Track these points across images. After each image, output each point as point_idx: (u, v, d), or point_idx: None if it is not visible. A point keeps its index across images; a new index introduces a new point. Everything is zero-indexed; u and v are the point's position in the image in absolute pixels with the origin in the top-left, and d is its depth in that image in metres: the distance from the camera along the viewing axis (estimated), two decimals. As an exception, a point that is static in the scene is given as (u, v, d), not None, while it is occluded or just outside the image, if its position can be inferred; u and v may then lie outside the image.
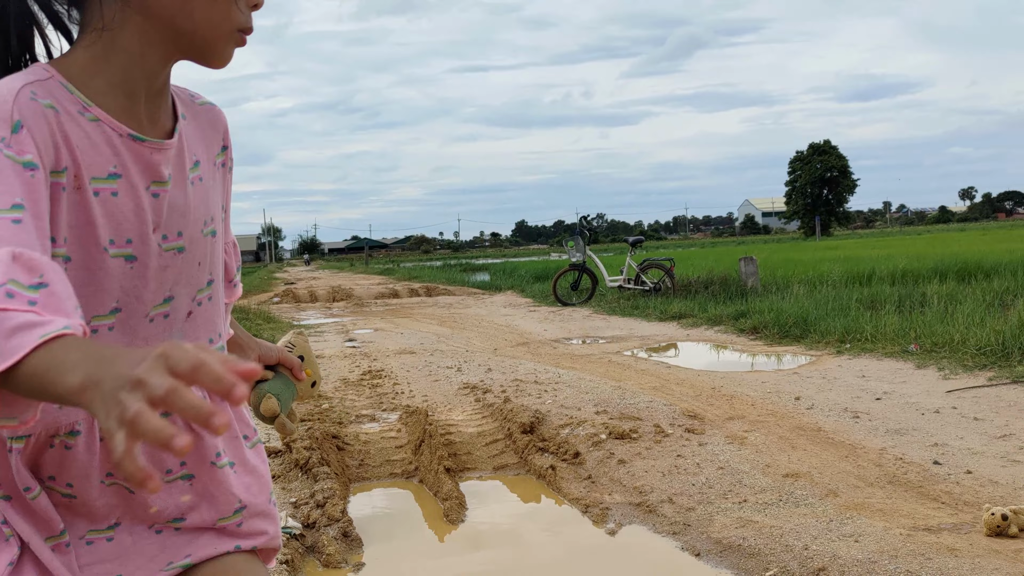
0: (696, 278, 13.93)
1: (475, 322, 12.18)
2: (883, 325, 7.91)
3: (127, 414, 0.70)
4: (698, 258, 24.09)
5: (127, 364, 0.75)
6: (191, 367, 0.72)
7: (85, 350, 0.79)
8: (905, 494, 3.66)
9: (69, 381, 0.77)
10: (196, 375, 0.72)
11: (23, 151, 0.94)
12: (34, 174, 0.94)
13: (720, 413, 5.23)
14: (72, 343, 0.80)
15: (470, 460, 4.63)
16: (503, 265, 32.27)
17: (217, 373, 0.71)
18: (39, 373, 0.79)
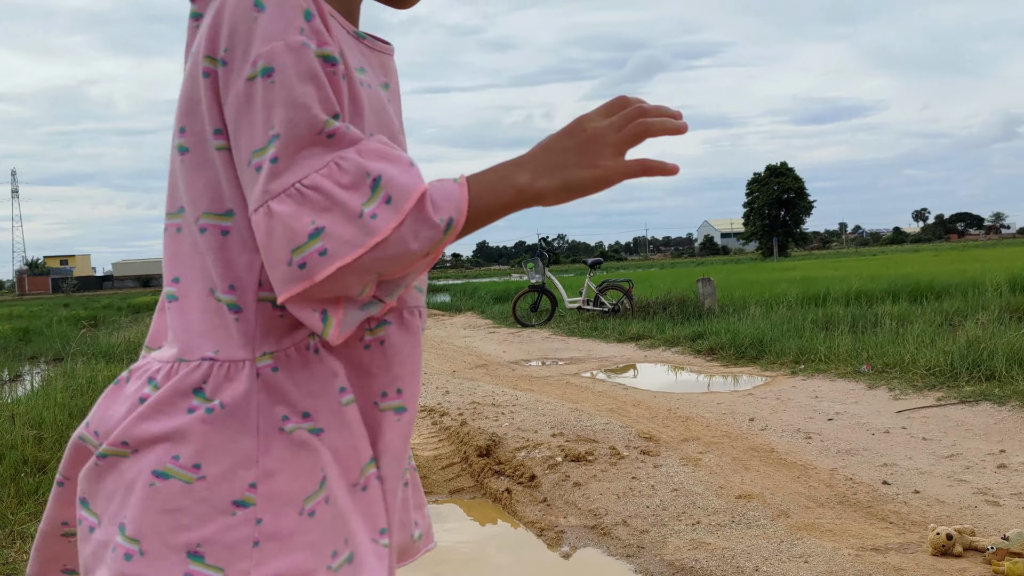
0: (654, 299, 14.04)
1: (434, 344, 12.15)
2: (836, 346, 8.03)
3: (625, 126, 0.92)
4: (657, 279, 24.26)
5: (562, 136, 0.93)
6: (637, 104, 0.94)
7: (502, 166, 0.94)
8: (854, 514, 3.71)
9: (519, 179, 0.91)
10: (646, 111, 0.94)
11: (323, 42, 0.88)
12: (335, 69, 0.90)
13: (675, 435, 5.26)
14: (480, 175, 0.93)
15: (426, 484, 4.61)
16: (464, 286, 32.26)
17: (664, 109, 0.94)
18: (484, 193, 0.91)
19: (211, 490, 0.89)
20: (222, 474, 0.90)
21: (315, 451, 0.94)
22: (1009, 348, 6.41)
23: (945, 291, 13.25)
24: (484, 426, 5.55)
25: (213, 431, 0.90)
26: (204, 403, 0.91)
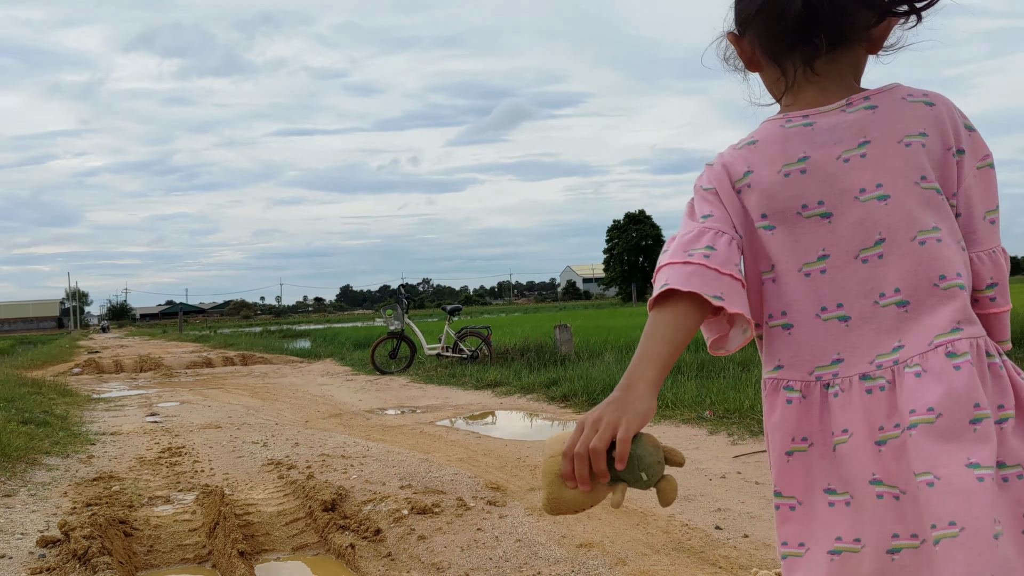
0: (513, 345, 14.19)
1: (289, 392, 11.90)
2: (682, 392, 8.31)
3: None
4: (518, 324, 24.55)
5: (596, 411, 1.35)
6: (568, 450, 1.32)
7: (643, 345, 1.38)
8: (687, 560, 3.83)
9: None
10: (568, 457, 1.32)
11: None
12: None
13: (523, 484, 5.32)
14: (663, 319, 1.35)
15: (268, 541, 4.50)
16: (325, 331, 31.76)
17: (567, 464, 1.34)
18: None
19: None
20: None
21: None
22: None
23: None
24: (332, 479, 5.46)
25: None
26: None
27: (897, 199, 1.29)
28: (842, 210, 1.32)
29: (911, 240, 1.28)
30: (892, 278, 1.29)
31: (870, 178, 1.31)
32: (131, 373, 17.28)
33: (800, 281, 1.34)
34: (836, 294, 1.32)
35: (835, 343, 1.31)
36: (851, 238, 1.31)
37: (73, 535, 4.13)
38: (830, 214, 1.33)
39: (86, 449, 7.11)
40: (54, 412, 9.31)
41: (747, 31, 1.41)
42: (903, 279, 1.28)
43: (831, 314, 1.32)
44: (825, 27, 1.29)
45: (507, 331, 19.16)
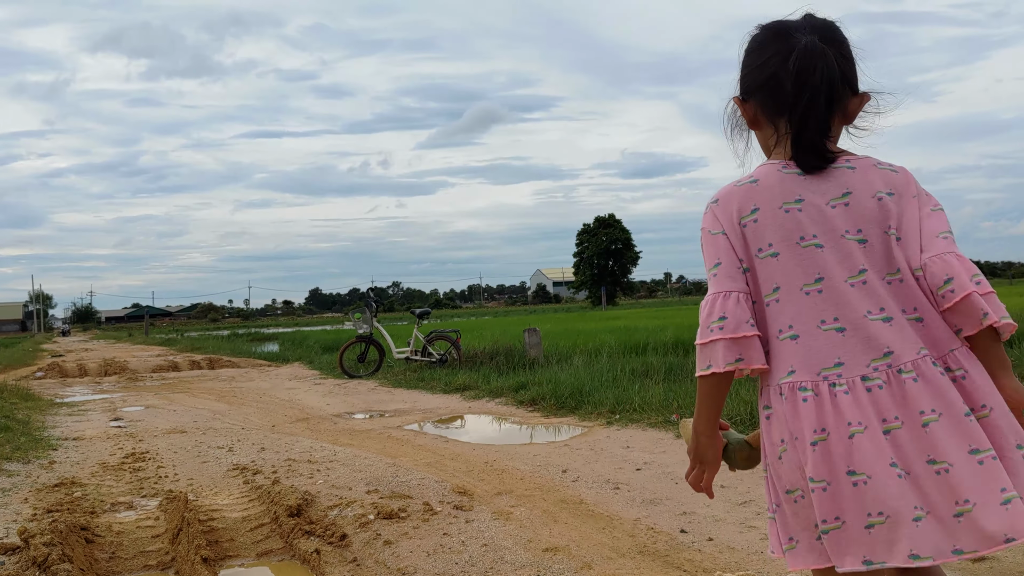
0: (482, 349, 14.19)
1: (256, 396, 11.82)
2: (650, 396, 8.35)
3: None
4: (488, 328, 24.54)
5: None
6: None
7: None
8: (652, 563, 3.85)
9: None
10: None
11: None
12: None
13: (490, 488, 5.32)
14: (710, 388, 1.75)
15: (232, 547, 4.46)
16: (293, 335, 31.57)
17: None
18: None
19: None
20: None
21: None
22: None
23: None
24: (298, 484, 5.43)
25: None
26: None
27: (872, 244, 1.68)
28: (832, 244, 1.68)
29: (882, 278, 1.67)
30: (875, 300, 1.65)
31: (852, 223, 1.68)
32: (95, 377, 17.07)
33: (802, 299, 1.68)
34: (832, 310, 1.65)
35: (835, 349, 1.63)
36: (840, 267, 1.67)
37: (33, 542, 4.08)
38: (823, 246, 1.68)
39: (48, 454, 7.02)
40: (15, 417, 9.17)
41: (751, 97, 1.82)
42: (884, 302, 1.65)
43: (830, 326, 1.65)
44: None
45: (476, 335, 19.15)
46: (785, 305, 1.69)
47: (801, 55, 1.68)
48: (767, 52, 1.76)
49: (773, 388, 1.68)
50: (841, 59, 1.72)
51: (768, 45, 1.76)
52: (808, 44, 1.69)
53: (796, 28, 1.74)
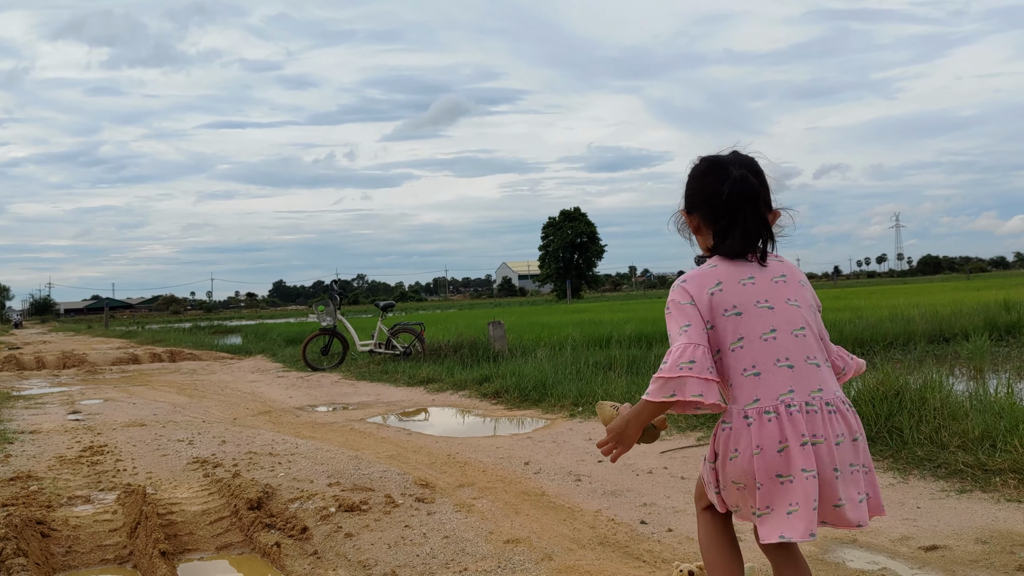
0: (446, 342, 14.17)
1: (218, 389, 11.71)
2: (612, 388, 8.40)
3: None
4: (453, 321, 24.51)
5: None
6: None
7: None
8: (612, 554, 3.88)
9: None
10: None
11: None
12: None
13: (452, 480, 5.33)
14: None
15: (192, 541, 4.43)
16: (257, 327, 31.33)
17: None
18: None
19: None
20: None
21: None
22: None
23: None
24: (259, 477, 5.40)
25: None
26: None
27: (803, 310, 2.30)
28: (779, 306, 2.27)
29: (815, 335, 2.31)
30: (810, 350, 2.25)
31: (792, 295, 2.30)
32: (53, 370, 16.82)
33: (762, 344, 2.23)
34: (784, 352, 2.21)
35: (788, 382, 2.20)
36: (787, 322, 2.25)
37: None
38: (773, 307, 2.25)
39: (3, 448, 6.91)
40: (-30, 410, 9.00)
41: (694, 211, 2.39)
42: (816, 353, 2.27)
43: (783, 364, 2.21)
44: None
45: (441, 327, 19.13)
46: (748, 350, 2.23)
47: (735, 182, 2.27)
48: (707, 179, 2.35)
49: (738, 412, 2.22)
50: (760, 186, 2.32)
51: (707, 174, 2.36)
52: (739, 175, 2.28)
53: (729, 162, 2.33)
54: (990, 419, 5.24)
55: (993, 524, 4.01)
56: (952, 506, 4.34)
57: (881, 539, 3.91)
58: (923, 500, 4.48)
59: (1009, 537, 3.81)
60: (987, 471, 4.71)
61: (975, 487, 4.58)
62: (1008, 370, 9.72)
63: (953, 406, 5.52)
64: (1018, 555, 3.57)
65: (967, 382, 8.43)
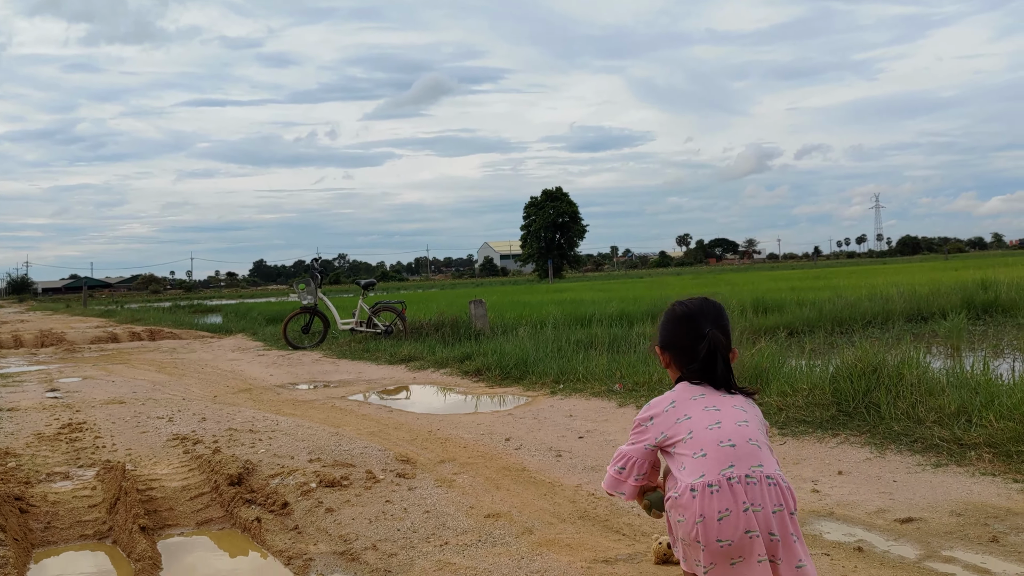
0: (428, 320, 14.16)
1: (198, 368, 11.67)
2: (594, 366, 8.42)
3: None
4: (434, 300, 24.48)
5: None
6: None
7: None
8: (592, 528, 3.91)
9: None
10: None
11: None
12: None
13: (433, 456, 5.34)
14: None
15: (172, 516, 4.42)
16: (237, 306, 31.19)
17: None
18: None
19: None
20: None
21: None
22: (740, 366, 6.97)
23: (697, 313, 14.26)
24: (239, 453, 5.39)
25: None
26: None
27: (749, 415, 2.62)
28: (725, 409, 2.60)
29: (758, 428, 2.61)
30: (753, 434, 2.56)
31: (742, 416, 2.59)
32: (31, 348, 16.69)
33: (709, 432, 2.54)
34: (727, 437, 2.52)
35: (728, 458, 2.49)
36: (731, 418, 2.57)
37: (-36, 512, 3.99)
38: (719, 409, 2.59)
39: (-19, 425, 6.86)
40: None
41: (667, 350, 2.74)
42: (759, 438, 2.56)
43: (726, 444, 2.51)
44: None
45: (423, 306, 19.11)
46: (697, 440, 2.53)
47: (709, 342, 2.64)
48: (681, 329, 2.71)
49: (685, 486, 2.50)
50: (726, 337, 2.69)
51: (681, 324, 2.71)
52: (712, 336, 2.64)
53: (701, 315, 2.69)
54: (966, 394, 5.30)
55: (968, 497, 4.06)
56: (928, 480, 4.39)
57: (858, 512, 3.95)
58: (899, 474, 4.53)
59: (983, 509, 3.86)
60: (963, 445, 4.77)
61: (951, 461, 4.64)
62: (984, 348, 9.82)
63: (930, 382, 5.58)
64: (992, 527, 3.62)
65: (944, 360, 8.51)
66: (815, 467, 4.79)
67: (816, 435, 5.43)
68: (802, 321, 12.88)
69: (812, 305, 14.64)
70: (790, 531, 2.48)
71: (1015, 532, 3.55)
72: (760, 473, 2.50)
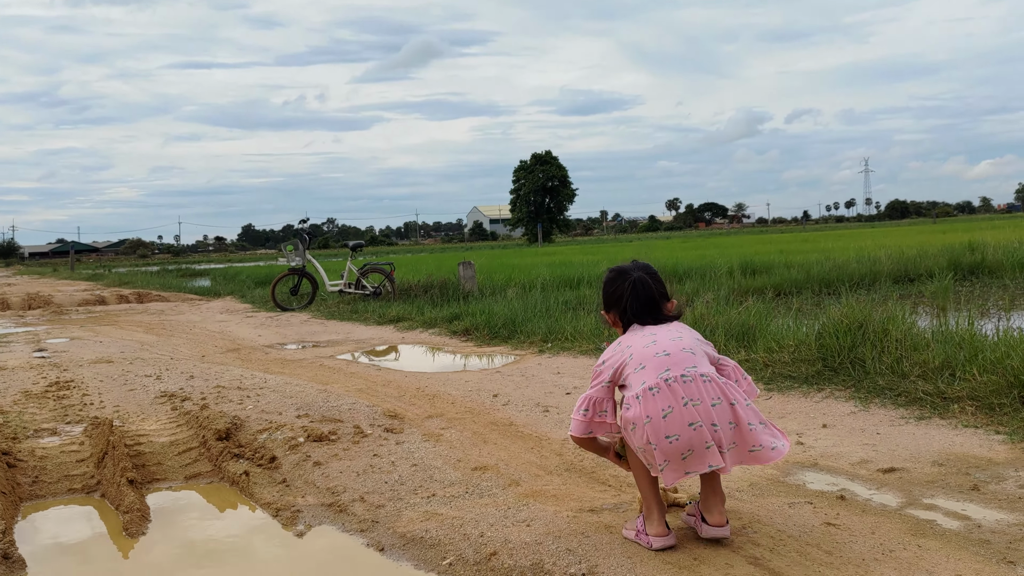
0: (417, 282, 14.16)
1: (186, 329, 11.65)
2: (581, 326, 8.45)
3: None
4: (423, 263, 24.45)
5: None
6: None
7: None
8: (578, 479, 3.93)
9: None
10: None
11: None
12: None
13: (420, 412, 5.36)
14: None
15: (160, 471, 4.43)
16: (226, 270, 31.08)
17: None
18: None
19: None
20: None
21: None
22: (728, 324, 7.00)
23: (687, 274, 14.34)
24: (227, 410, 5.40)
25: None
26: None
27: (684, 332, 3.05)
28: (662, 334, 3.00)
29: (692, 341, 3.02)
30: (687, 345, 2.96)
31: (676, 334, 3.00)
32: (18, 311, 16.62)
33: (646, 349, 2.94)
34: (663, 348, 2.92)
35: (665, 364, 2.88)
36: (666, 335, 2.99)
37: (-49, 466, 3.99)
38: (656, 334, 3.01)
39: (-32, 384, 6.84)
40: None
41: (610, 309, 3.19)
42: (691, 346, 2.97)
43: (661, 355, 2.91)
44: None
45: (412, 268, 19.09)
46: (637, 358, 2.92)
47: (634, 284, 3.07)
48: (615, 284, 3.13)
49: (631, 395, 2.86)
50: (656, 282, 3.11)
51: (615, 280, 3.14)
52: (638, 277, 3.08)
53: (630, 269, 3.13)
54: (951, 349, 5.34)
55: (950, 448, 4.11)
56: (911, 432, 4.43)
57: (841, 463, 3.99)
58: (883, 427, 4.57)
59: (965, 460, 3.91)
60: (946, 399, 4.81)
61: (934, 414, 4.68)
62: (970, 307, 9.88)
63: (915, 337, 5.61)
64: (973, 476, 3.67)
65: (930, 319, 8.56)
66: (800, 421, 4.84)
67: (801, 390, 5.47)
68: (790, 282, 12.93)
69: (800, 267, 14.69)
70: (743, 419, 2.83)
71: (996, 481, 3.59)
72: (695, 372, 2.86)
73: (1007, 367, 4.70)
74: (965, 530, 3.06)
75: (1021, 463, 3.81)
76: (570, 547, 3.02)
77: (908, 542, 2.95)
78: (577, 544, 3.04)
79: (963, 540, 2.96)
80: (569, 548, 3.01)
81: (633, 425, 2.84)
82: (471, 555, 3.09)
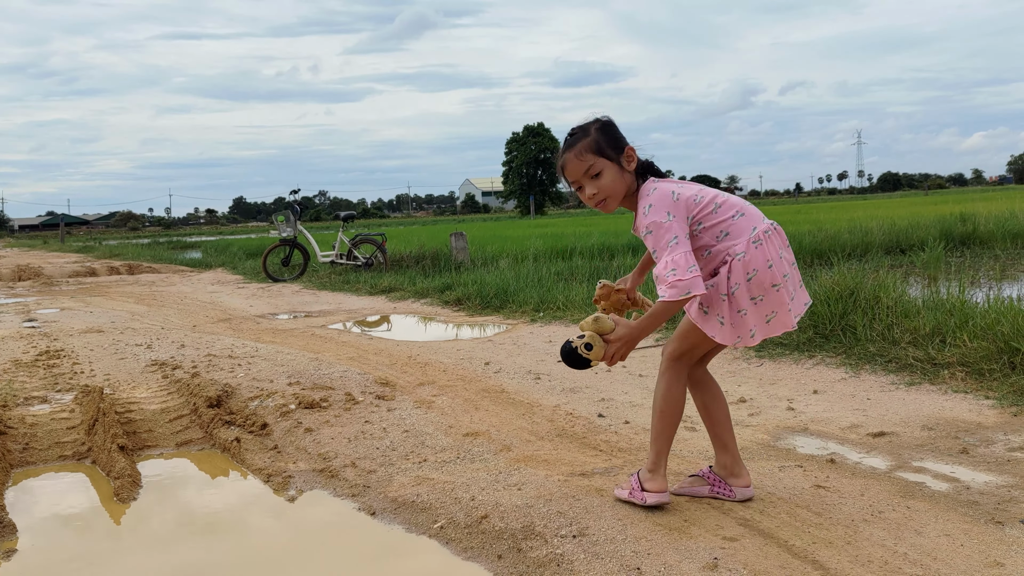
0: (408, 253, 14.12)
1: (177, 299, 11.61)
2: (573, 295, 8.44)
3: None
4: (415, 235, 24.38)
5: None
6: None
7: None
8: (570, 445, 3.94)
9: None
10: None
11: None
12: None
13: (412, 380, 5.35)
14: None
15: (151, 438, 4.43)
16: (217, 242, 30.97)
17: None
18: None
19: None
20: None
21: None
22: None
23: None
24: (218, 377, 5.39)
25: None
26: None
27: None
28: (722, 198, 2.92)
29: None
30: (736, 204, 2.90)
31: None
32: (8, 282, 16.54)
33: (728, 198, 2.90)
34: (737, 208, 2.87)
35: (758, 213, 2.89)
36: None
37: (-60, 432, 3.97)
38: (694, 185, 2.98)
39: (-43, 354, 6.81)
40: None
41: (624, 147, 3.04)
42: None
43: (739, 214, 2.85)
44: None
45: (403, 240, 19.04)
46: (725, 206, 2.86)
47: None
48: (615, 127, 3.04)
49: (745, 241, 2.78)
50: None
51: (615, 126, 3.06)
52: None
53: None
54: (941, 316, 5.34)
55: (940, 412, 4.12)
56: (901, 397, 4.45)
57: (831, 427, 4.00)
58: (873, 392, 4.58)
59: (954, 424, 3.93)
60: (936, 365, 4.83)
61: (924, 380, 4.70)
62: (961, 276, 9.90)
63: (906, 304, 5.62)
64: (962, 439, 3.68)
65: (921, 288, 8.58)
66: (791, 387, 4.85)
67: (792, 357, 5.48)
68: (782, 252, 12.91)
69: (792, 238, 14.67)
70: (791, 262, 2.90)
71: (984, 444, 3.61)
72: (770, 225, 2.88)
73: (997, 333, 4.72)
74: (954, 492, 3.08)
75: (1010, 427, 3.83)
76: (561, 510, 3.02)
77: (897, 503, 2.97)
78: (568, 507, 3.05)
79: (952, 501, 2.98)
80: (560, 511, 3.01)
81: (754, 271, 2.77)
82: (462, 518, 3.09)
